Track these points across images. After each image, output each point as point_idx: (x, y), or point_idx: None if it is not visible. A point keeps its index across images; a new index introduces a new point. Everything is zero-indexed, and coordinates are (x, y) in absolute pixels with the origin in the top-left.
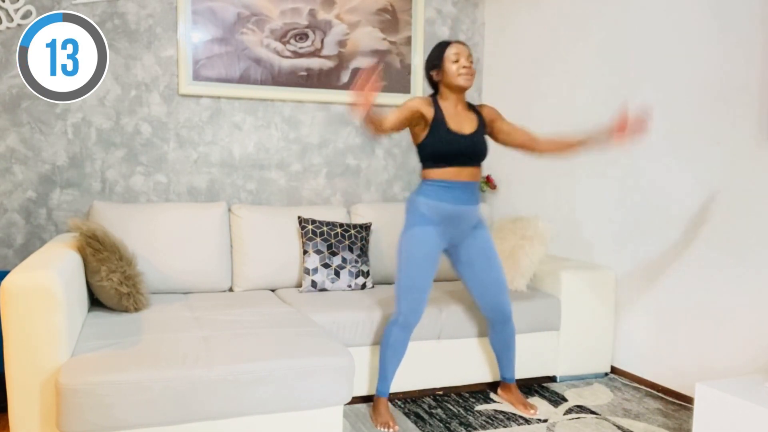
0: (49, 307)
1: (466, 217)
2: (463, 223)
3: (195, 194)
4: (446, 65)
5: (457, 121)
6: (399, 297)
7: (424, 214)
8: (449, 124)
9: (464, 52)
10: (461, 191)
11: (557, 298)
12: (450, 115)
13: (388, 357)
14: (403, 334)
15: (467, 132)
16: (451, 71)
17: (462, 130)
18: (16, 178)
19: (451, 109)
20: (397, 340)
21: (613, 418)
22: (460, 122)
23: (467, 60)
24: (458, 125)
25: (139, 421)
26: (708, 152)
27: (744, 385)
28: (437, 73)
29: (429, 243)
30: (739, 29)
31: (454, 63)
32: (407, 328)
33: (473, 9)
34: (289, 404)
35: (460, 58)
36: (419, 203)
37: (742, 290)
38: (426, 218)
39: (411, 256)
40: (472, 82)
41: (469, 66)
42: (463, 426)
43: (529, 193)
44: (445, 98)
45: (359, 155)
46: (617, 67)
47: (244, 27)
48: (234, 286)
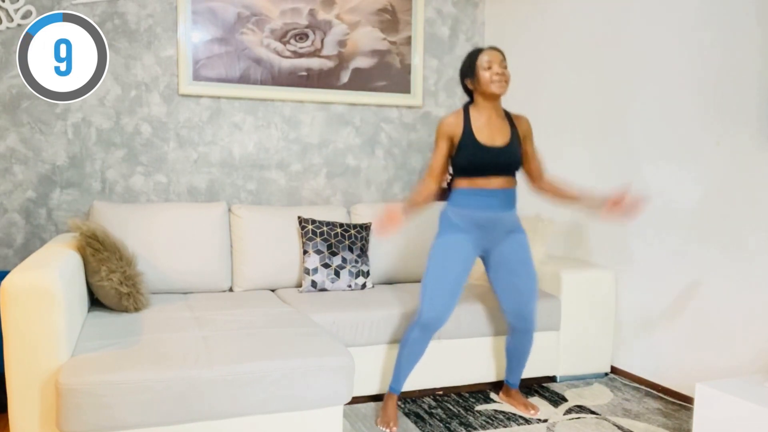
0: (49, 307)
1: (498, 223)
2: (496, 229)
3: (195, 194)
4: (479, 73)
5: (488, 132)
6: (422, 298)
7: (454, 223)
8: (479, 137)
9: (497, 58)
10: (491, 197)
11: (557, 298)
12: (480, 127)
13: (404, 356)
14: (423, 336)
15: (499, 144)
16: (484, 79)
17: (493, 143)
18: (16, 178)
19: (484, 119)
20: (416, 341)
21: (613, 418)
22: (492, 133)
23: (500, 66)
24: (489, 137)
25: (139, 421)
26: (708, 152)
27: (744, 385)
28: (471, 81)
29: (458, 249)
30: (739, 29)
31: (487, 70)
32: (427, 330)
33: (473, 9)
34: (289, 404)
35: (492, 64)
36: (449, 212)
37: (742, 290)
38: (456, 226)
39: (438, 260)
40: (506, 88)
41: (502, 72)
42: (463, 426)
43: (529, 193)
44: (479, 106)
45: (359, 155)
46: (617, 66)
47: (244, 27)
48: (234, 286)
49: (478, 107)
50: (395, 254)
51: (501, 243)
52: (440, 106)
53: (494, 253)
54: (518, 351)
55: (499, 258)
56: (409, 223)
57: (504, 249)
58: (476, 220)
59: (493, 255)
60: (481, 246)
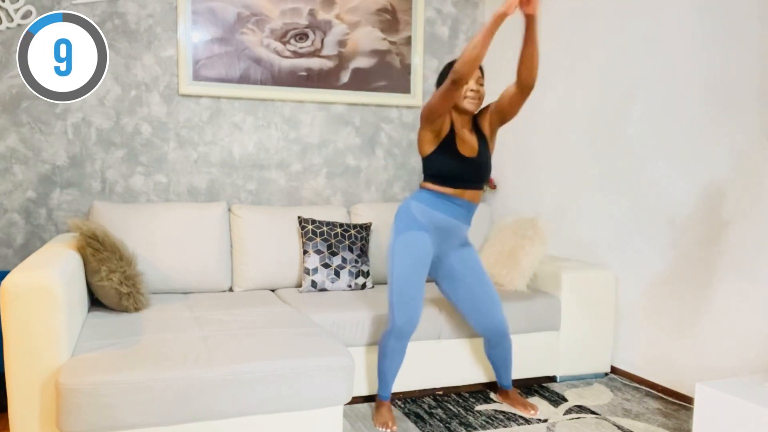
0: (49, 307)
1: (456, 233)
2: (452, 238)
3: (195, 194)
4: None
5: (464, 143)
6: (393, 307)
7: (417, 219)
8: (459, 146)
9: (475, 74)
10: (458, 207)
11: (557, 298)
12: (460, 137)
13: (386, 366)
14: (400, 344)
15: (473, 155)
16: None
17: (470, 153)
18: (16, 178)
19: (459, 129)
20: (394, 350)
21: (613, 418)
22: (466, 144)
23: (476, 83)
24: (466, 148)
25: (139, 421)
26: (708, 152)
27: (744, 385)
28: None
29: (422, 248)
30: (739, 29)
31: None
32: (403, 338)
33: (473, 9)
34: (289, 404)
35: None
36: (413, 207)
37: (742, 290)
38: (419, 223)
39: (404, 261)
40: (478, 106)
41: (477, 89)
42: (463, 426)
43: (529, 193)
44: (455, 117)
45: (359, 155)
46: (618, 66)
47: (244, 27)
48: (234, 286)
49: (455, 117)
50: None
51: (451, 254)
52: None
53: (447, 265)
54: (501, 358)
55: (455, 271)
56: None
57: (458, 262)
58: (439, 224)
59: (445, 266)
60: (435, 250)
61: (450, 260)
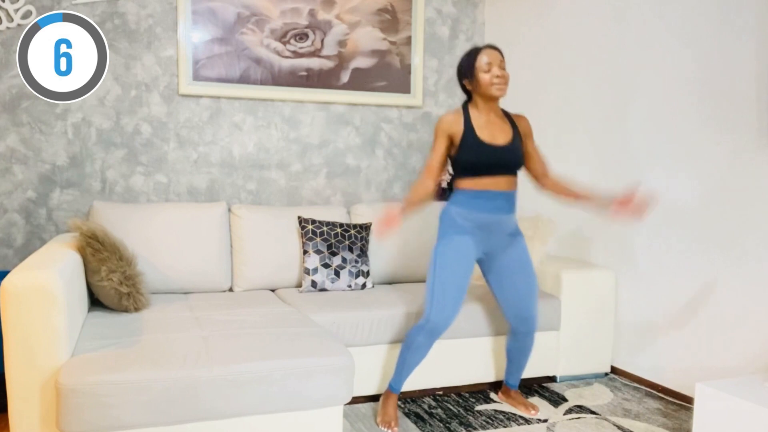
0: (49, 307)
1: (501, 226)
2: (499, 232)
3: (195, 194)
4: (479, 75)
5: (489, 131)
6: (430, 303)
7: (459, 224)
8: (480, 135)
9: (496, 59)
10: (495, 199)
11: (557, 298)
12: (481, 125)
13: (407, 359)
14: (428, 340)
15: (500, 143)
16: (484, 81)
17: (495, 141)
18: (16, 178)
19: (483, 118)
20: (420, 345)
21: (613, 418)
22: (493, 132)
23: (500, 67)
24: (491, 135)
25: (139, 421)
26: (708, 152)
27: (744, 385)
28: (469, 82)
29: (463, 252)
30: (738, 29)
31: (487, 72)
32: (433, 335)
33: (473, 9)
34: (289, 404)
35: (492, 67)
36: (453, 213)
37: (742, 290)
38: (460, 227)
39: (445, 263)
40: (506, 90)
41: (501, 74)
42: (463, 426)
43: (529, 193)
44: (478, 106)
45: (359, 155)
46: (617, 66)
47: (244, 27)
48: (234, 286)
49: (477, 107)
50: (395, 254)
51: (502, 247)
52: (440, 106)
53: (495, 257)
54: (519, 353)
55: (501, 262)
56: (409, 223)
57: (506, 253)
58: (480, 222)
59: (494, 259)
60: (483, 249)
61: (500, 253)
